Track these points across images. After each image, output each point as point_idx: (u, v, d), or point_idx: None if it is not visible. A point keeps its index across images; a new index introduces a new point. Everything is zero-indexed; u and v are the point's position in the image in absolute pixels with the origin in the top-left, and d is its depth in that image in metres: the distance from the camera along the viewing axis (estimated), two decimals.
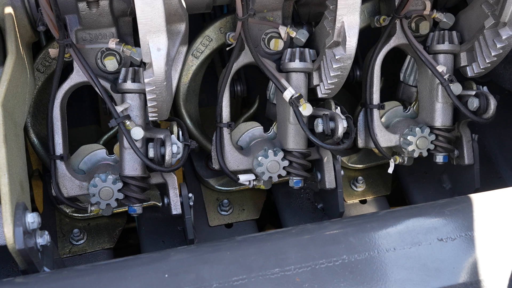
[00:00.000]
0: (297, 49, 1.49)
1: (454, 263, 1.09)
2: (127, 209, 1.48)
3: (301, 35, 1.50)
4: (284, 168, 1.53)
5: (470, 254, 1.12)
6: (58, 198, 1.44)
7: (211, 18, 1.86)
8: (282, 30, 1.49)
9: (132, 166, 1.42)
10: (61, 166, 1.43)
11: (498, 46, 1.44)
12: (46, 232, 1.18)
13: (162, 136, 1.41)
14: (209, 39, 1.58)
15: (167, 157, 1.39)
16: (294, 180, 1.57)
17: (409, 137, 1.57)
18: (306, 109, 1.43)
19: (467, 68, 1.57)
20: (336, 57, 1.37)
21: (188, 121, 1.64)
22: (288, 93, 1.43)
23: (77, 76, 1.41)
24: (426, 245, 1.13)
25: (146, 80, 1.24)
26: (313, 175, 1.60)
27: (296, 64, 1.48)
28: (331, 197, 1.60)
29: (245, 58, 1.51)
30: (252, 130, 1.61)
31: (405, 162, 1.66)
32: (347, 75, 1.42)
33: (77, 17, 1.35)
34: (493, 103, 1.52)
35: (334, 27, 1.33)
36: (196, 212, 1.68)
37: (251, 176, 1.57)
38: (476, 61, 1.53)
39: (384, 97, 1.64)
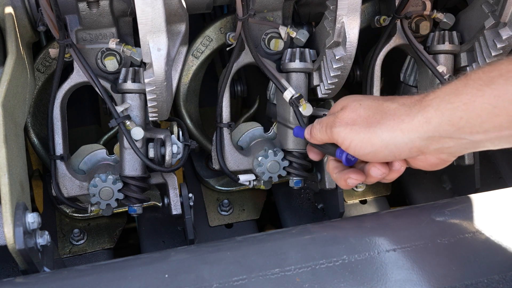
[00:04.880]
0: (297, 49, 1.49)
1: (454, 264, 1.09)
2: (127, 209, 1.48)
3: (301, 35, 1.50)
4: (284, 168, 1.53)
5: (470, 254, 1.12)
6: (58, 198, 1.44)
7: (211, 18, 1.86)
8: (282, 30, 1.49)
9: (132, 166, 1.42)
10: (61, 166, 1.43)
11: (499, 46, 1.44)
12: (46, 232, 1.18)
13: (162, 136, 1.42)
14: (209, 39, 1.58)
15: (167, 157, 1.39)
16: (294, 180, 1.57)
17: None
18: (306, 109, 1.43)
19: (468, 68, 1.57)
20: (336, 57, 1.37)
21: (188, 121, 1.64)
22: (288, 93, 1.43)
23: (77, 76, 1.41)
24: (426, 245, 1.13)
25: (146, 80, 1.25)
26: (313, 175, 1.60)
27: (296, 64, 1.48)
28: (331, 197, 1.60)
29: (245, 58, 1.51)
30: (252, 130, 1.61)
31: None
32: (347, 75, 1.42)
33: (77, 17, 1.35)
34: None
35: (334, 27, 1.33)
36: (196, 212, 1.68)
37: (251, 176, 1.57)
38: (476, 61, 1.53)
39: None
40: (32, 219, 1.12)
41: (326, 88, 1.46)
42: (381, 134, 1.09)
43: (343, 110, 1.17)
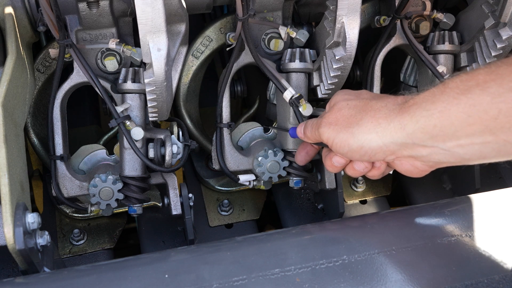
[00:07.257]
0: (297, 49, 1.49)
1: (454, 264, 1.09)
2: (127, 209, 1.48)
3: (301, 35, 1.50)
4: (284, 168, 1.53)
5: (470, 254, 1.12)
6: (58, 198, 1.44)
7: (211, 18, 1.86)
8: (282, 31, 1.49)
9: (132, 167, 1.42)
10: (61, 166, 1.43)
11: (498, 46, 1.44)
12: (46, 232, 1.18)
13: (162, 137, 1.42)
14: (209, 40, 1.58)
15: (167, 158, 1.39)
16: (294, 181, 1.57)
17: None
18: (306, 109, 1.43)
19: (468, 68, 1.57)
20: (336, 58, 1.37)
21: (188, 121, 1.64)
22: (288, 94, 1.43)
23: (77, 76, 1.41)
24: (426, 246, 1.13)
25: (146, 81, 1.25)
26: (313, 176, 1.60)
27: (296, 64, 1.48)
28: (331, 197, 1.60)
29: (245, 58, 1.51)
30: (252, 130, 1.61)
31: None
32: (347, 76, 1.42)
33: (77, 17, 1.35)
34: None
35: (334, 27, 1.33)
36: (196, 213, 1.68)
37: (251, 177, 1.57)
38: (476, 61, 1.53)
39: None
40: (32, 219, 1.12)
41: (326, 88, 1.46)
42: (357, 135, 1.12)
43: (330, 110, 1.21)
